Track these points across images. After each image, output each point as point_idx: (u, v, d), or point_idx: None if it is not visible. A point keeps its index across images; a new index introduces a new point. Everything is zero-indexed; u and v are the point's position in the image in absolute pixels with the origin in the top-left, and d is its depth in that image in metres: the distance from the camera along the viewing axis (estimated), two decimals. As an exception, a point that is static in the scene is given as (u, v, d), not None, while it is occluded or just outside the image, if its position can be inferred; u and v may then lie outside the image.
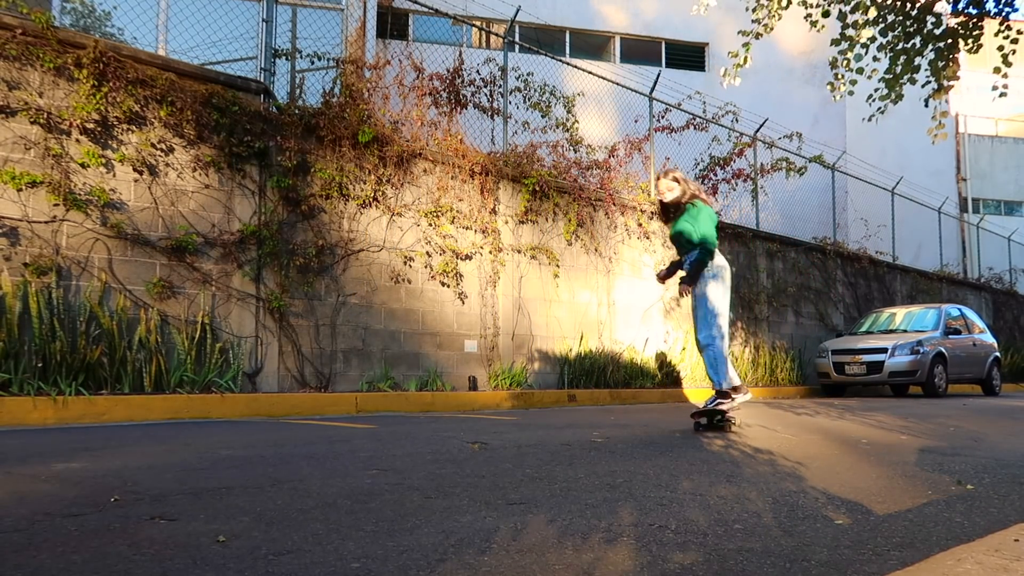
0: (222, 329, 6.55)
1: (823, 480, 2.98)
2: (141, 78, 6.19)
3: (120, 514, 2.18)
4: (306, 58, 8.05)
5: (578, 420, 5.92)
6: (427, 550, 1.84)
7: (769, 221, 13.69)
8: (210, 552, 1.80)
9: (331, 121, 7.30)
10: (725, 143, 12.85)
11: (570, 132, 10.20)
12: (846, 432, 5.06)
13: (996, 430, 5.36)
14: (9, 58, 5.62)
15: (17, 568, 1.65)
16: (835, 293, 14.26)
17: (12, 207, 5.59)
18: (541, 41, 15.15)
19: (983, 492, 2.78)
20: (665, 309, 10.77)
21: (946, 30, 7.07)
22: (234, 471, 2.99)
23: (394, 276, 7.79)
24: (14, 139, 5.64)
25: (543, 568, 1.72)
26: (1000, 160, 25.04)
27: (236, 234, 6.70)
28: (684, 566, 1.75)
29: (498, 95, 9.37)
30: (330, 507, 2.32)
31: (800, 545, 1.95)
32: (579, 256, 9.71)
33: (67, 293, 5.78)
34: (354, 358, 7.43)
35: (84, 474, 2.86)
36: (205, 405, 5.88)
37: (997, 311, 19.52)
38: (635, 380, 9.84)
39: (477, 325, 8.49)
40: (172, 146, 6.42)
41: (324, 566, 1.70)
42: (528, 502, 2.45)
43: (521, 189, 9.03)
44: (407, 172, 7.96)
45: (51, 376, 5.40)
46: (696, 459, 3.53)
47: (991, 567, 1.54)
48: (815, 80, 18.47)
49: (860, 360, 11.34)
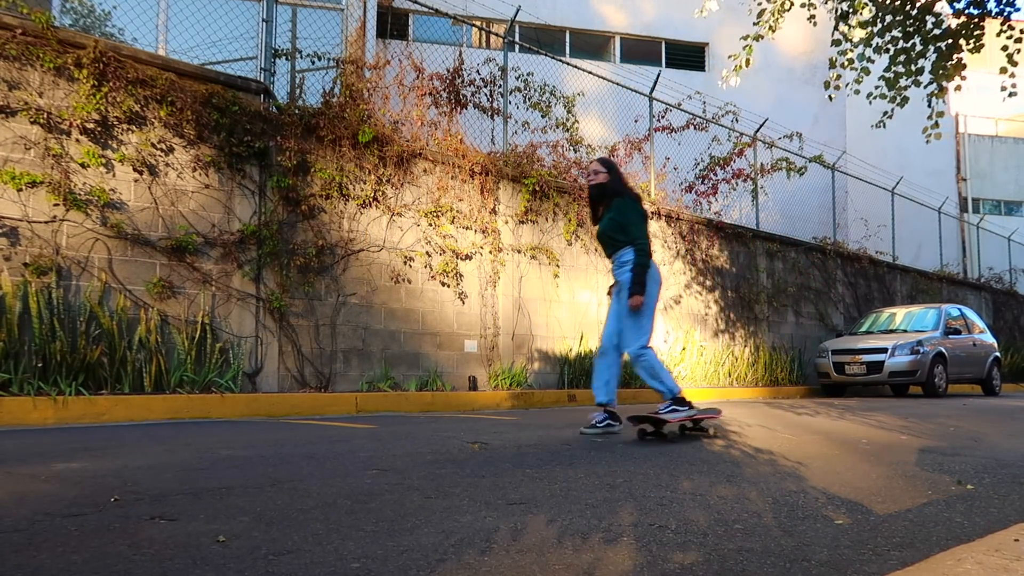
0: (222, 329, 6.55)
1: (823, 480, 2.98)
2: (141, 78, 6.19)
3: (120, 514, 2.18)
4: (306, 58, 8.05)
5: (578, 420, 5.91)
6: (427, 550, 1.84)
7: (769, 221, 13.69)
8: (210, 552, 1.80)
9: (331, 121, 7.30)
10: (725, 143, 12.85)
11: (570, 132, 10.20)
12: (846, 432, 5.06)
13: (996, 430, 5.35)
14: (9, 58, 5.62)
15: (17, 568, 1.65)
16: (835, 293, 14.26)
17: (12, 207, 5.59)
18: (541, 41, 15.15)
19: (983, 492, 2.78)
20: (665, 309, 10.77)
21: (946, 30, 7.07)
22: (234, 471, 2.99)
23: (394, 276, 7.80)
24: (14, 139, 5.64)
25: (543, 568, 1.72)
26: (1000, 160, 25.04)
27: (236, 234, 6.70)
28: (684, 566, 1.75)
29: (498, 95, 9.37)
30: (330, 507, 2.32)
31: (800, 545, 1.95)
32: (579, 256, 9.71)
33: (67, 293, 5.78)
34: (354, 358, 7.43)
35: (84, 474, 2.86)
36: (205, 405, 5.88)
37: (997, 311, 19.52)
38: (635, 380, 9.84)
39: (477, 325, 8.49)
40: (172, 146, 6.42)
41: (324, 566, 1.70)
42: (528, 502, 2.45)
43: (521, 189, 9.03)
44: (407, 172, 7.96)
45: (51, 376, 5.40)
46: (696, 459, 3.53)
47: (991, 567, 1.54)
48: (815, 80, 18.46)
49: (860, 360, 11.34)
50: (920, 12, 6.94)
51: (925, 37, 7.05)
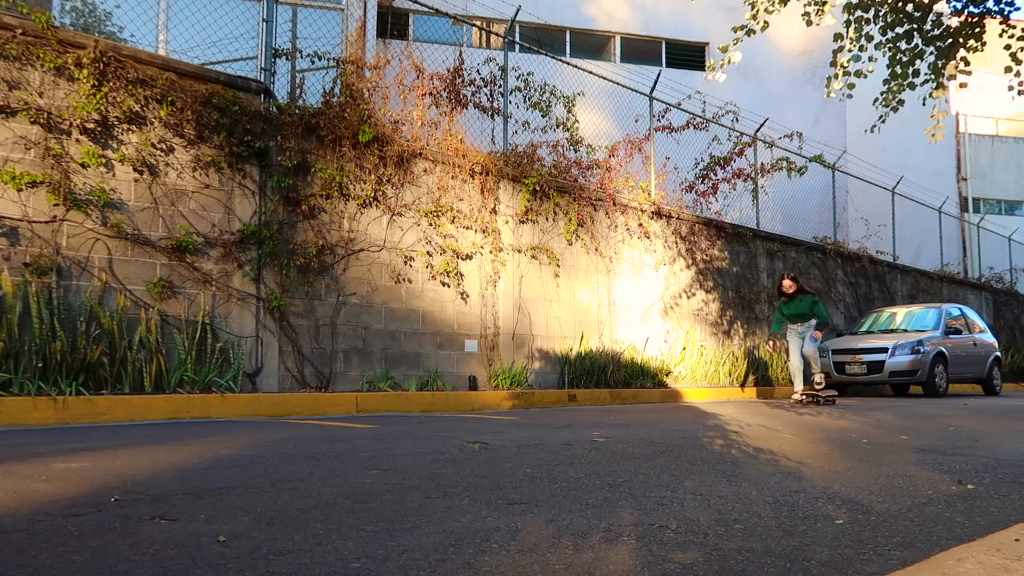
0: (222, 329, 6.55)
1: (824, 480, 2.98)
2: (141, 78, 6.19)
3: (120, 514, 2.17)
4: (306, 58, 8.04)
5: (579, 420, 5.91)
6: (427, 550, 1.84)
7: (769, 221, 13.68)
8: (210, 552, 1.80)
9: (331, 121, 7.30)
10: (725, 143, 12.84)
11: (570, 132, 10.19)
12: (847, 432, 5.06)
13: (996, 430, 5.35)
14: (9, 58, 5.62)
15: (17, 568, 1.65)
16: (835, 293, 14.25)
17: (12, 207, 5.59)
18: (541, 41, 15.14)
19: (984, 492, 2.78)
20: (665, 309, 10.77)
21: (946, 30, 7.06)
22: (234, 471, 2.99)
23: (394, 276, 7.79)
24: (14, 139, 5.64)
25: (544, 568, 1.71)
26: (1001, 159, 25.03)
27: (236, 234, 6.70)
28: (684, 565, 1.75)
29: (498, 95, 9.37)
30: (330, 507, 2.32)
31: (801, 545, 1.95)
32: (579, 256, 9.70)
33: (67, 293, 5.78)
34: (354, 358, 7.43)
35: (84, 474, 2.86)
36: (205, 405, 5.88)
37: (998, 311, 19.52)
38: (635, 380, 9.84)
39: (477, 325, 8.48)
40: (172, 146, 6.41)
41: (324, 566, 1.70)
42: (529, 502, 2.45)
43: (521, 189, 9.03)
44: (407, 172, 7.96)
45: (51, 376, 5.40)
46: (696, 459, 3.53)
47: (992, 567, 1.54)
48: (815, 80, 18.45)
49: (861, 360, 11.34)
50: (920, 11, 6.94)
51: (925, 37, 7.05)
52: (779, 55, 18.50)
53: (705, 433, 4.80)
